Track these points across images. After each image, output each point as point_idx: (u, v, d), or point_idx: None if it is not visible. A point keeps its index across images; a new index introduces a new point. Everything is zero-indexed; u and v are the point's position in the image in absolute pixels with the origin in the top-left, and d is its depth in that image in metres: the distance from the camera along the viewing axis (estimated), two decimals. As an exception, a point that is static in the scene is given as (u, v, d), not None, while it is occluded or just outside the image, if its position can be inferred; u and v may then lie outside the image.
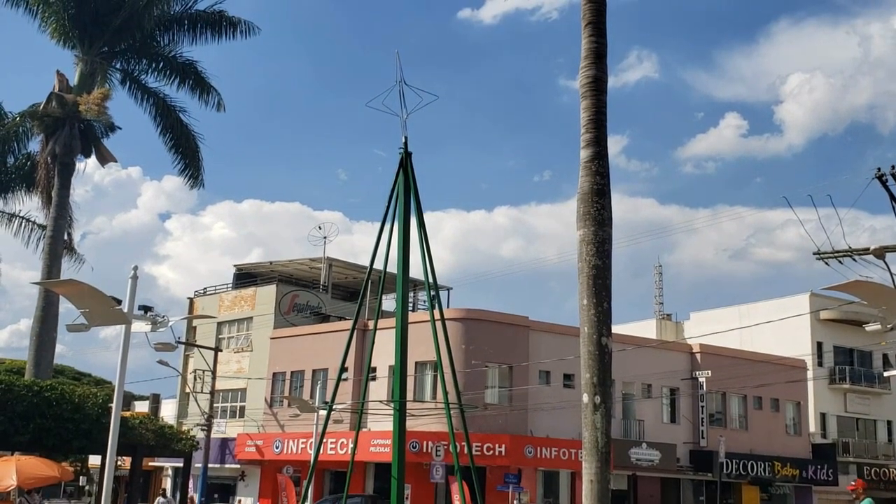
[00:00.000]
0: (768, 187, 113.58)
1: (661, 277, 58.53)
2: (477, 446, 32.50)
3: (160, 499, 25.76)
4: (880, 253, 25.54)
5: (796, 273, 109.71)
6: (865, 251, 27.63)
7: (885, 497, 47.11)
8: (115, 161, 31.42)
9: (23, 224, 30.87)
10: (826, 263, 28.30)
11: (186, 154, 29.65)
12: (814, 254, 28.56)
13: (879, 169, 22.43)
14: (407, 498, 30.31)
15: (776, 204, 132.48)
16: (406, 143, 7.48)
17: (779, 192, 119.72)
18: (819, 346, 46.28)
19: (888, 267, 22.76)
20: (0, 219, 31.28)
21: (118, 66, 30.23)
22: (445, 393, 7.14)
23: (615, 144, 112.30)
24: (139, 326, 11.61)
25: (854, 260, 27.96)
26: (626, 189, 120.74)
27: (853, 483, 13.94)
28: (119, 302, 11.06)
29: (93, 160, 30.54)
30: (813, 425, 45.41)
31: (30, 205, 30.93)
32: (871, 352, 46.75)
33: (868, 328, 33.42)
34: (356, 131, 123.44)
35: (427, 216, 7.57)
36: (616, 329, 20.15)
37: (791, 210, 52.66)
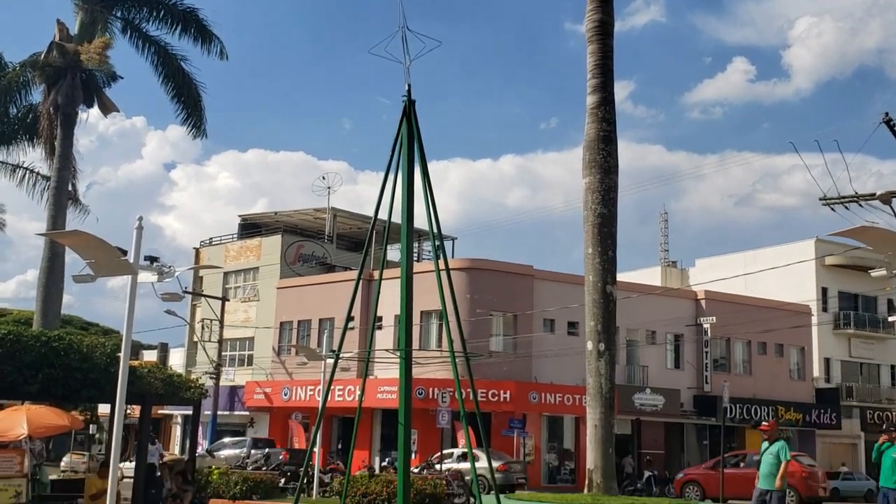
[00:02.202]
0: (776, 133, 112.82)
1: (667, 225, 58.54)
2: (482, 393, 32.83)
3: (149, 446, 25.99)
4: (887, 198, 25.43)
5: (802, 219, 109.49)
6: (872, 196, 27.53)
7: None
8: (118, 111, 31.20)
9: (27, 175, 30.81)
10: (832, 209, 28.21)
11: (188, 103, 29.42)
12: (820, 199, 28.48)
13: (887, 114, 22.19)
14: (414, 443, 30.70)
15: (783, 149, 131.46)
16: (409, 91, 7.40)
17: (786, 137, 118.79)
18: (824, 291, 46.38)
19: (895, 212, 22.64)
20: (4, 170, 31.23)
21: (118, 14, 29.86)
22: (451, 341, 7.17)
23: (622, 90, 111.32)
24: (145, 277, 11.63)
25: (860, 205, 27.88)
26: (633, 135, 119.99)
27: (765, 423, 13.85)
28: (125, 252, 11.06)
29: (95, 110, 30.35)
30: (817, 370, 45.71)
31: (33, 156, 30.84)
32: (875, 297, 46.83)
33: (873, 274, 33.48)
34: (360, 80, 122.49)
35: (432, 165, 7.53)
36: (621, 277, 20.25)
37: (798, 155, 52.38)
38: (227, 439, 38.42)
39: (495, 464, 25.58)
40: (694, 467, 31.07)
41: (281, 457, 31.86)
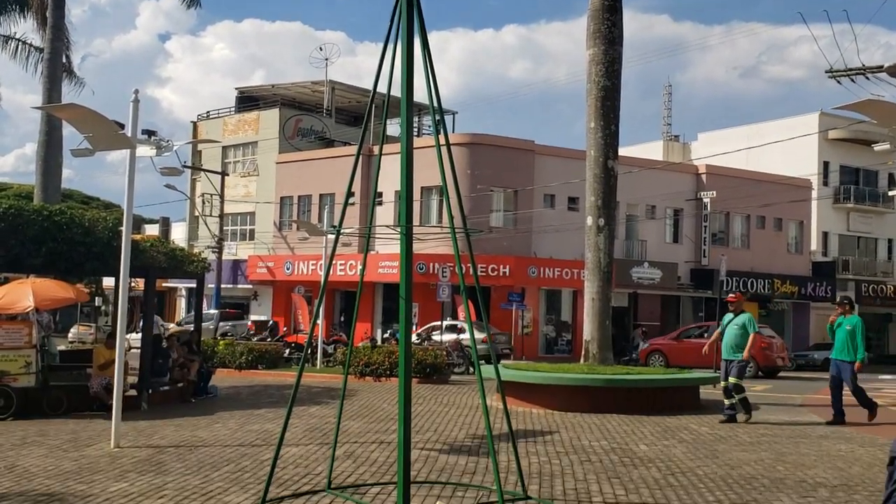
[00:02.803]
0: (784, 2, 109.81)
1: (671, 98, 57.80)
2: (482, 267, 33.18)
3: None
4: (894, 71, 24.98)
5: (807, 91, 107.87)
6: (879, 69, 27.06)
7: (881, 312, 48.48)
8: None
9: (19, 46, 30.16)
10: (838, 82, 27.77)
11: (180, -31, 28.53)
12: (826, 72, 27.99)
13: (901, -18, 21.50)
14: (415, 316, 31.23)
15: (791, 20, 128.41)
16: (408, -42, 7.15)
17: (794, 7, 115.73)
18: (825, 165, 46.22)
19: (902, 85, 22.29)
20: (-4, 41, 30.54)
21: None
22: (451, 217, 7.17)
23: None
24: (144, 151, 11.56)
25: (867, 78, 27.42)
26: (639, 4, 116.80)
27: (731, 295, 13.95)
28: (122, 126, 10.96)
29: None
30: (814, 244, 46.05)
31: (25, 27, 30.19)
32: (876, 171, 46.72)
33: (877, 148, 33.24)
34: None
35: (432, 36, 7.34)
36: (622, 151, 20.15)
37: (806, 26, 51.12)
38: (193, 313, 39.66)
39: (480, 335, 26.27)
40: (659, 338, 31.77)
41: (247, 326, 33.00)
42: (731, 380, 13.20)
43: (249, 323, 33.68)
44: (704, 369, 18.16)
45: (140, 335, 16.28)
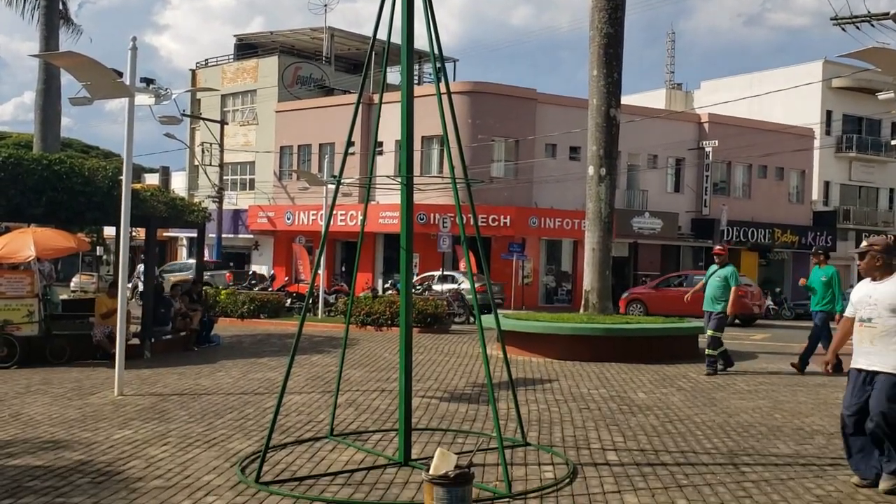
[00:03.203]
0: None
1: (674, 45, 57.35)
2: (483, 218, 33.15)
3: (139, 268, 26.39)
4: (901, 18, 24.67)
5: (811, 39, 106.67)
6: (885, 16, 26.72)
7: (880, 262, 48.48)
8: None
9: (14, -7, 29.72)
10: (843, 29, 27.45)
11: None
12: (831, 19, 27.65)
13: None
14: (416, 266, 31.31)
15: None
16: None
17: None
18: (828, 114, 45.90)
19: (908, 33, 22.06)
20: (-11, -13, 30.11)
21: None
22: (452, 167, 7.14)
23: None
24: (142, 99, 11.48)
25: (872, 26, 27.10)
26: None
27: (719, 247, 13.85)
28: (120, 74, 10.87)
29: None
30: (816, 193, 45.96)
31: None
32: (880, 120, 46.45)
33: (881, 96, 33.00)
34: None
35: (432, -17, 7.22)
36: (624, 100, 19.96)
37: (812, -27, 50.31)
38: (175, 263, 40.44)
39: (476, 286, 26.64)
40: (639, 286, 31.86)
41: (225, 277, 33.23)
42: (709, 332, 13.11)
43: (227, 274, 33.83)
44: (688, 318, 18.18)
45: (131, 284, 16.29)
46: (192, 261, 39.07)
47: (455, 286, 28.08)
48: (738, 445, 7.87)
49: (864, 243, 6.53)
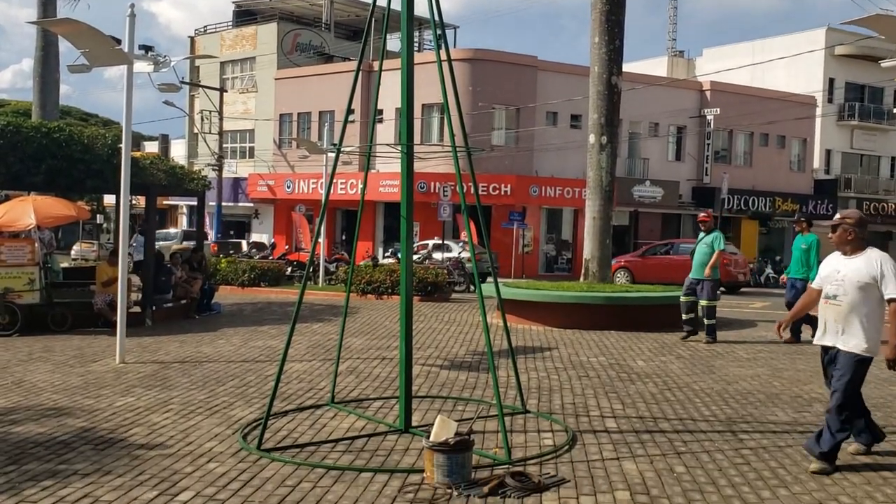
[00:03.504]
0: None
1: (676, 13, 56.85)
2: (483, 186, 33.10)
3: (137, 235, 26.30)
4: (905, -15, 24.46)
5: (815, 6, 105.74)
6: (890, -17, 26.47)
7: (881, 230, 48.55)
8: None
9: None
10: (847, -4, 27.17)
11: None
12: (836, -14, 27.34)
13: None
14: (416, 235, 31.33)
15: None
16: None
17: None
18: (831, 82, 45.63)
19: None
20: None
21: None
22: (452, 135, 7.11)
23: None
24: (141, 67, 11.41)
25: (877, -8, 26.82)
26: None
27: (703, 214, 13.66)
28: (119, 42, 10.79)
29: None
30: (817, 162, 45.83)
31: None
32: (882, 88, 46.19)
33: (884, 64, 32.87)
34: None
35: (432, -52, 7.15)
36: (626, 68, 19.85)
37: (816, -62, 49.79)
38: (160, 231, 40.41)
39: (466, 255, 27.11)
40: (626, 254, 31.80)
41: (210, 249, 33.13)
42: (703, 302, 12.93)
43: (212, 245, 33.68)
44: (678, 285, 18.16)
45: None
46: (177, 230, 39.07)
47: (451, 255, 28.08)
48: (737, 413, 7.92)
49: (837, 215, 6.31)
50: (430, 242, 30.32)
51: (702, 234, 13.43)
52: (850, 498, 5.45)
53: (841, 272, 6.06)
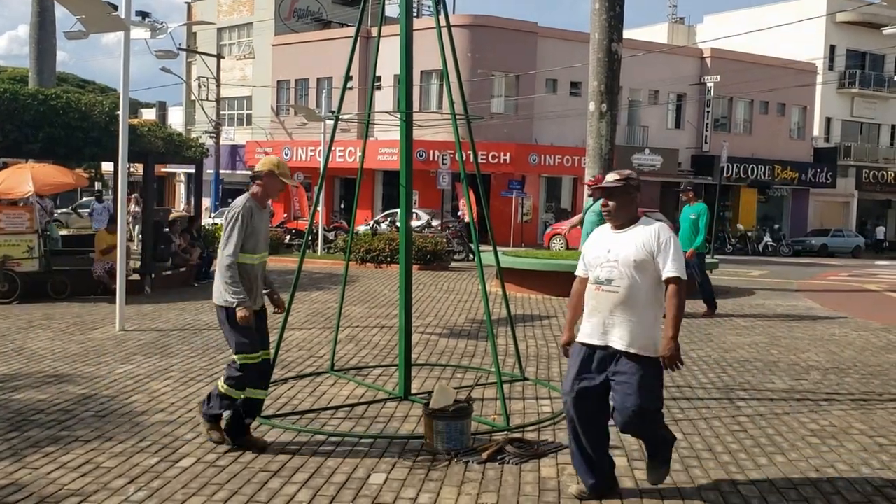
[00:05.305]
0: None
1: (676, -22, 56.21)
2: (482, 154, 32.99)
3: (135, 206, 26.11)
4: (909, -50, 24.24)
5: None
6: (893, -52, 26.21)
7: (881, 198, 48.51)
8: None
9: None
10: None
11: None
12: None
13: None
14: (415, 203, 31.27)
15: None
16: None
17: None
18: (832, 49, 45.34)
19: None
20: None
21: None
22: (451, 103, 7.08)
23: None
24: (138, 33, 11.36)
25: (880, -42, 26.63)
26: None
27: (591, 178, 12.77)
28: (115, 8, 10.73)
29: None
30: (817, 129, 45.67)
31: None
32: (884, 55, 45.89)
33: (885, 31, 32.58)
34: None
35: (431, -87, 7.07)
36: (626, 34, 19.69)
37: None
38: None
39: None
40: (562, 221, 31.37)
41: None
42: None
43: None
44: None
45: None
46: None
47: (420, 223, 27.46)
48: (734, 380, 7.96)
49: (612, 175, 4.76)
50: (398, 211, 30.13)
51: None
52: (846, 464, 5.49)
53: (613, 250, 4.64)
